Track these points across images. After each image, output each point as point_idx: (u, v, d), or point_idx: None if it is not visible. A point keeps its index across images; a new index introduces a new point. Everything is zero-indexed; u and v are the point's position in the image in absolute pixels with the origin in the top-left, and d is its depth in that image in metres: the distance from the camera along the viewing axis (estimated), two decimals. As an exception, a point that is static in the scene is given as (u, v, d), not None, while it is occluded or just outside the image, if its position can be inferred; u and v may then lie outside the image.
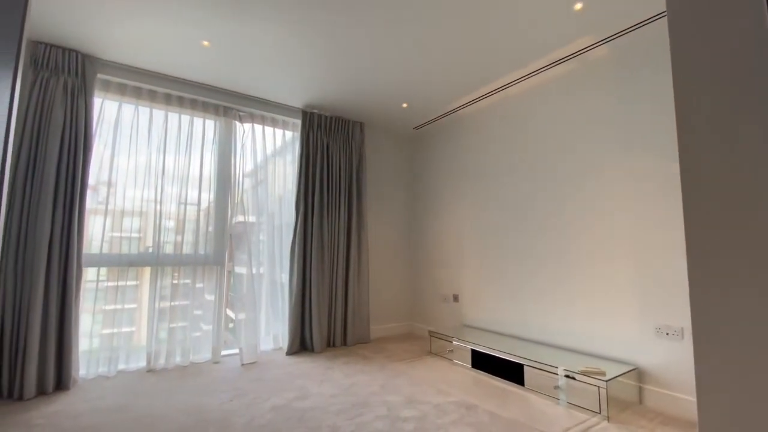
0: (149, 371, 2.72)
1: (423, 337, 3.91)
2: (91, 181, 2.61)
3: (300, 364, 2.93)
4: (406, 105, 3.50)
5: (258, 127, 3.41)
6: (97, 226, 2.68)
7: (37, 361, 2.25)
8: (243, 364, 2.91)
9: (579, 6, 2.09)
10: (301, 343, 3.32)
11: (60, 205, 2.40)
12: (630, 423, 1.96)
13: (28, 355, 2.22)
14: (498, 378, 2.60)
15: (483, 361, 2.71)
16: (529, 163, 3.01)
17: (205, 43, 2.49)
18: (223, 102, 3.18)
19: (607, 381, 2.02)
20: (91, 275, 2.65)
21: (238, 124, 3.30)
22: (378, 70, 2.83)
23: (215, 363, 2.95)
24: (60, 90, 2.46)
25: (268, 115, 3.44)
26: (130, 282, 2.78)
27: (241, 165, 3.26)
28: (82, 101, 2.53)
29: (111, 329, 2.68)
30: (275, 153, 3.53)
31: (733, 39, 0.62)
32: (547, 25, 2.27)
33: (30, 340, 2.23)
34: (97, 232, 2.67)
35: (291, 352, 3.22)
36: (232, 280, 3.28)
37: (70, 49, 2.52)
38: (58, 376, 2.36)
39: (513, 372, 2.49)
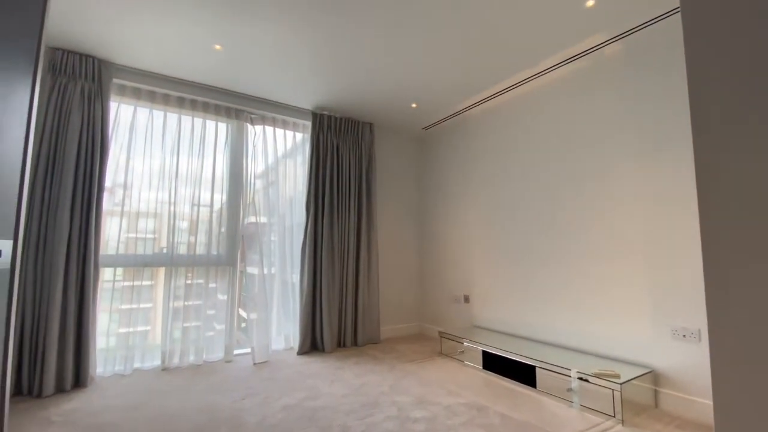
0: (164, 370, 2.77)
1: (433, 337, 3.89)
2: (107, 183, 2.68)
3: (311, 364, 2.94)
4: (415, 105, 3.50)
5: (269, 129, 3.44)
6: (114, 228, 2.74)
7: (55, 359, 2.32)
8: (255, 364, 2.94)
9: (591, 2, 2.07)
10: (311, 343, 3.34)
11: (78, 207, 2.46)
12: (645, 427, 1.92)
13: (47, 354, 2.28)
14: (509, 380, 2.57)
15: (494, 363, 2.69)
16: (541, 163, 2.97)
17: (217, 47, 2.52)
18: (234, 105, 3.22)
19: (621, 384, 1.98)
20: (107, 275, 2.71)
21: (249, 126, 3.34)
22: (387, 70, 2.84)
23: (228, 362, 2.99)
24: (77, 95, 2.53)
25: (279, 117, 3.48)
26: (146, 282, 2.84)
27: (253, 167, 3.30)
28: (99, 106, 2.60)
29: (127, 328, 2.74)
30: (286, 154, 3.56)
31: (749, 35, 0.61)
32: (559, 22, 2.25)
33: (49, 339, 2.29)
34: (113, 233, 2.74)
35: (302, 352, 3.24)
36: (244, 280, 3.32)
37: (86, 55, 2.59)
38: (76, 373, 2.42)
39: (525, 374, 2.47)
